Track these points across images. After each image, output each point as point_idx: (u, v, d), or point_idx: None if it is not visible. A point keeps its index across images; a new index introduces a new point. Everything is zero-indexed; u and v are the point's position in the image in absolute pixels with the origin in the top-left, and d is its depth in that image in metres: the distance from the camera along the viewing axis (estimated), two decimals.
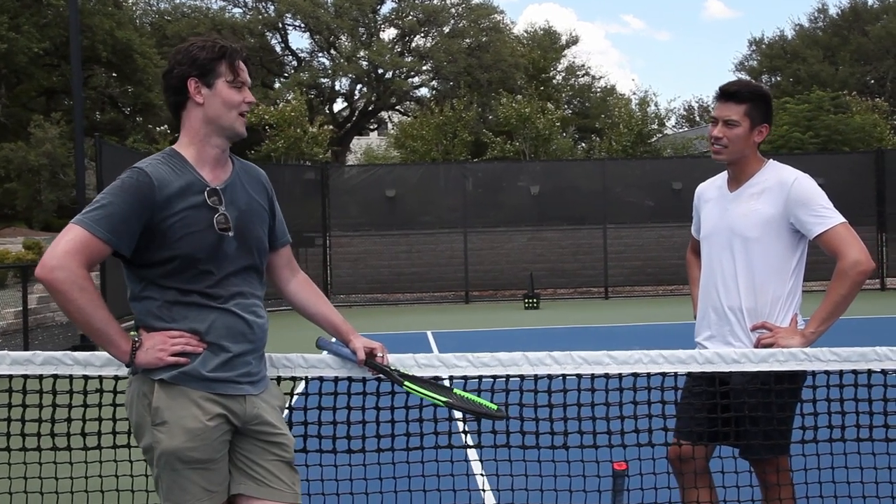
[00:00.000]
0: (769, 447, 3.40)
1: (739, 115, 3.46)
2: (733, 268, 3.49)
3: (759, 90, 3.57)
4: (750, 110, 3.48)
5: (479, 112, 34.54)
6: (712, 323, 3.58)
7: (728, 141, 3.48)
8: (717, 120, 3.51)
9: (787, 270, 3.47)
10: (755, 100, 3.51)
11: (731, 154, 3.51)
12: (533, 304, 18.91)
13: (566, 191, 22.19)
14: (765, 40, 46.78)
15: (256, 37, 37.66)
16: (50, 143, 23.96)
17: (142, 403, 2.65)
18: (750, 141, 3.51)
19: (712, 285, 3.58)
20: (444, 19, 38.90)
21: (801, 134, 27.09)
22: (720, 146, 3.51)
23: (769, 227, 3.43)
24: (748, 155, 3.54)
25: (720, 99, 3.54)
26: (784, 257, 3.46)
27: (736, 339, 3.48)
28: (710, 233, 3.63)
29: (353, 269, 21.29)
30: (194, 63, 2.70)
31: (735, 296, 3.48)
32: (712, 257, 3.59)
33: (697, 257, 3.86)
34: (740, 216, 3.49)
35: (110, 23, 28.50)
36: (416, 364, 3.19)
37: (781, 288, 3.46)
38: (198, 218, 2.65)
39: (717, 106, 3.55)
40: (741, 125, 3.47)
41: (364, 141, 51.10)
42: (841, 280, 3.31)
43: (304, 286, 3.09)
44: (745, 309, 3.46)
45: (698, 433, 3.51)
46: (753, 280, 3.45)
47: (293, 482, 2.82)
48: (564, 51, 46.51)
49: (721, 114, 3.50)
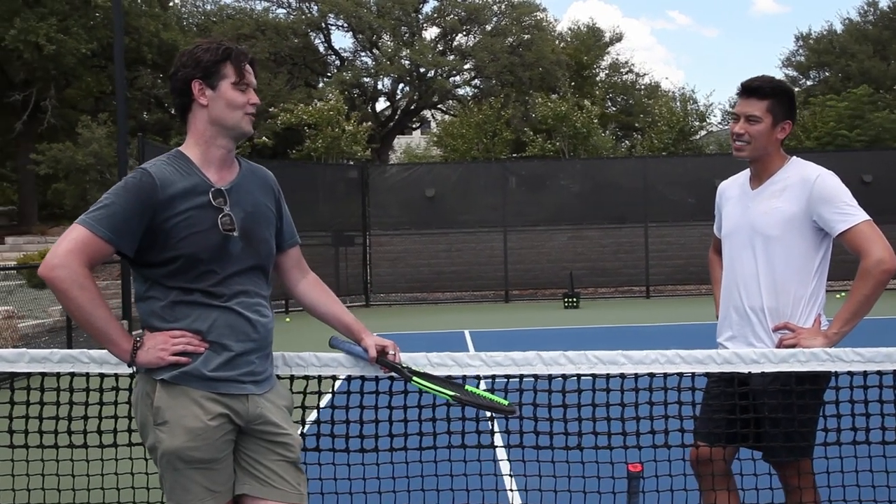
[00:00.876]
0: (790, 450, 3.33)
1: (762, 111, 3.41)
2: (754, 267, 3.43)
3: (782, 86, 3.51)
4: (772, 106, 3.43)
5: (520, 110, 34.41)
6: (734, 323, 3.52)
7: (750, 137, 3.43)
8: (739, 116, 3.46)
9: (809, 270, 3.40)
10: (778, 95, 3.45)
11: (753, 151, 3.46)
12: (573, 304, 18.82)
13: (607, 189, 22.04)
14: (812, 35, 45.90)
15: (300, 37, 37.88)
16: (97, 144, 24.40)
17: (145, 403, 2.67)
18: (773, 137, 3.45)
19: (733, 285, 3.53)
20: (486, 18, 38.75)
21: (848, 131, 26.57)
22: (742, 143, 3.46)
23: (791, 226, 3.37)
24: (771, 152, 3.48)
25: (742, 95, 3.49)
26: (807, 256, 3.39)
27: (758, 340, 3.42)
28: (732, 231, 3.57)
29: (392, 268, 21.36)
30: (198, 65, 2.72)
31: (756, 295, 3.42)
32: (733, 256, 3.54)
33: (720, 256, 3.80)
34: (761, 214, 3.43)
35: (156, 24, 28.90)
36: (428, 363, 3.19)
37: (804, 288, 3.39)
38: (202, 218, 2.67)
39: (739, 102, 3.50)
40: (763, 121, 3.41)
41: (405, 140, 51.24)
42: (864, 279, 3.25)
43: (314, 286, 3.09)
44: (766, 309, 3.40)
45: (717, 434, 3.45)
46: (775, 279, 3.39)
47: (298, 482, 2.81)
48: (608, 48, 46.13)
49: (743, 110, 3.45)
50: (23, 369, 3.14)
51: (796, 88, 44.20)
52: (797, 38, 46.56)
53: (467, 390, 3.00)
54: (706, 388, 3.52)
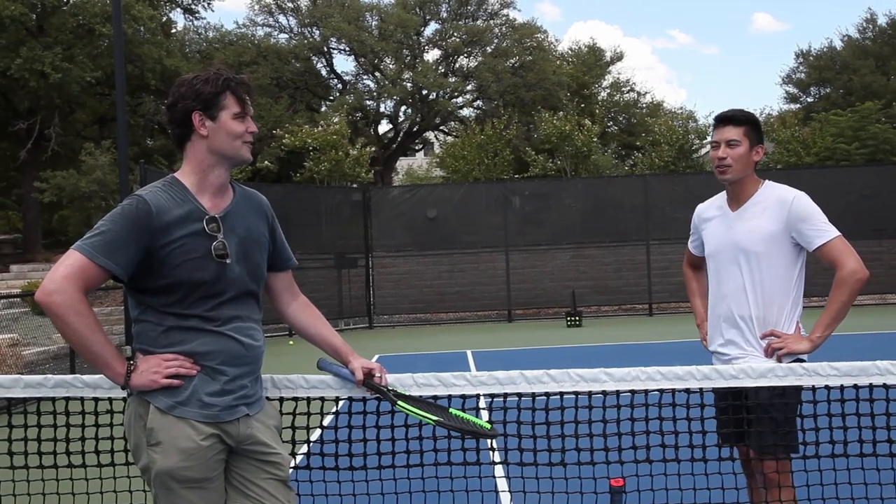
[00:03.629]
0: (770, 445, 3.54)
1: (740, 136, 3.78)
2: (742, 281, 3.75)
3: (752, 115, 3.91)
4: (748, 132, 3.80)
5: (522, 130, 34.57)
6: (724, 331, 3.82)
7: (732, 160, 3.77)
8: (719, 143, 3.81)
9: (790, 281, 3.75)
10: (750, 122, 3.84)
11: (735, 172, 3.79)
12: (576, 322, 18.87)
13: (608, 207, 22.13)
14: (812, 52, 46.09)
15: (302, 61, 38.18)
16: (100, 171, 24.58)
17: (138, 425, 2.74)
18: (750, 160, 3.81)
19: (722, 297, 3.84)
20: (487, 40, 39.05)
21: (847, 145, 26.64)
22: (725, 166, 3.78)
23: (773, 242, 3.72)
24: (748, 174, 3.82)
25: (719, 125, 3.85)
26: (787, 269, 3.74)
27: (748, 345, 3.74)
28: (717, 250, 3.90)
29: (395, 289, 21.44)
30: (198, 97, 2.77)
31: (745, 306, 3.74)
32: (720, 272, 3.86)
33: (694, 270, 4.28)
34: (745, 233, 3.76)
35: (159, 51, 29.14)
36: (414, 383, 3.26)
37: (786, 297, 3.73)
38: (196, 245, 2.73)
39: (716, 132, 3.85)
40: (742, 144, 3.77)
41: (408, 161, 51.41)
42: (840, 288, 3.61)
43: (304, 309, 3.16)
44: (754, 318, 3.72)
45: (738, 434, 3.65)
46: (762, 291, 3.72)
47: (288, 500, 2.88)
48: (609, 67, 46.36)
49: (722, 136, 3.80)
50: (18, 394, 3.23)
51: (797, 105, 44.35)
52: (797, 55, 46.73)
53: (451, 413, 3.07)
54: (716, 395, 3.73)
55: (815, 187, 23.01)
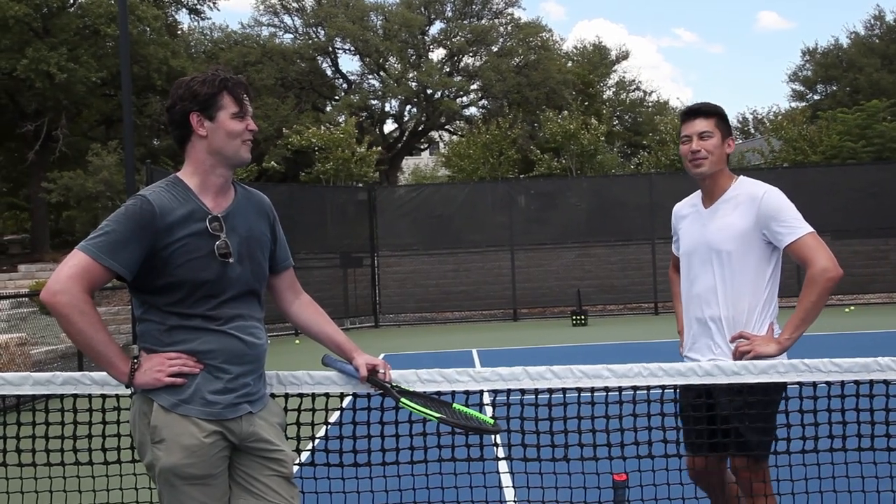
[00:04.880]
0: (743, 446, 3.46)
1: (711, 127, 3.67)
2: (713, 280, 3.63)
3: (720, 108, 3.78)
4: (718, 123, 3.70)
5: (527, 129, 34.58)
6: (695, 333, 3.72)
7: (706, 152, 3.65)
8: (690, 137, 3.69)
9: (762, 280, 3.60)
10: (719, 114, 3.73)
11: (711, 165, 3.66)
12: (581, 321, 18.87)
13: (614, 206, 22.12)
14: (819, 50, 46.02)
15: (307, 61, 38.26)
16: (107, 171, 24.70)
17: (142, 422, 2.77)
18: (723, 152, 3.70)
19: (693, 298, 3.73)
20: (492, 39, 39.08)
21: (854, 143, 26.58)
22: (700, 158, 3.65)
23: (744, 240, 3.59)
24: (722, 168, 3.71)
25: (687, 118, 3.74)
26: (759, 268, 3.60)
27: (716, 347, 3.63)
28: (691, 249, 3.78)
29: (401, 288, 21.47)
30: (195, 98, 2.80)
31: (715, 306, 3.63)
32: (693, 272, 3.74)
33: (679, 275, 4.01)
34: (716, 230, 3.65)
35: (165, 52, 29.24)
36: (418, 379, 3.29)
37: (757, 297, 3.59)
38: (199, 245, 2.76)
39: (686, 125, 3.74)
40: (714, 136, 3.66)
41: (413, 161, 51.42)
42: (811, 287, 3.45)
43: (306, 307, 3.18)
44: (723, 318, 3.61)
45: (698, 445, 3.59)
46: (731, 291, 3.60)
47: (292, 496, 2.90)
48: (615, 66, 46.35)
49: (693, 129, 3.69)
50: (27, 392, 3.26)
51: (804, 103, 44.25)
52: (804, 52, 46.72)
53: (455, 409, 3.09)
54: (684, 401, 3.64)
55: (821, 185, 22.97)
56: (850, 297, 21.05)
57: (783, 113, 37.92)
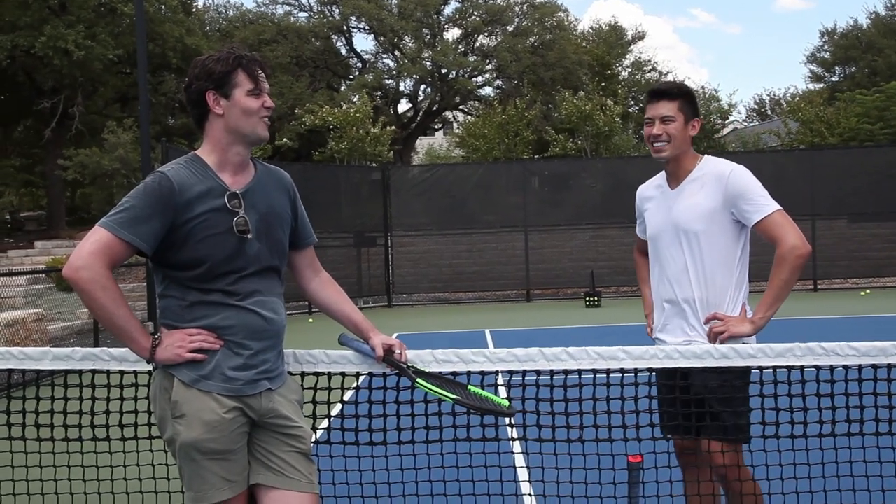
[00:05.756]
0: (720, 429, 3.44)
1: (674, 111, 3.62)
2: (683, 261, 3.61)
3: (687, 88, 3.76)
4: (682, 106, 3.64)
5: (542, 110, 34.43)
6: (668, 315, 3.69)
7: (668, 136, 3.62)
8: (653, 120, 3.65)
9: (733, 260, 3.59)
10: (685, 96, 3.68)
11: (673, 149, 3.64)
12: (595, 303, 18.86)
13: (628, 188, 21.91)
14: (838, 31, 45.56)
15: (322, 40, 38.13)
16: (123, 149, 24.77)
17: (163, 398, 2.81)
18: (686, 135, 3.66)
19: (664, 280, 3.69)
20: (507, 18, 38.82)
21: (872, 125, 26.35)
22: (662, 143, 3.63)
23: (712, 220, 3.56)
24: (685, 150, 3.67)
25: (652, 100, 3.70)
26: (729, 248, 3.58)
27: (691, 329, 3.61)
28: (657, 231, 3.74)
29: (414, 268, 21.49)
30: (210, 76, 2.82)
31: (688, 288, 3.60)
32: (661, 253, 3.71)
33: (645, 257, 4.01)
34: (683, 210, 3.62)
35: (180, 30, 29.23)
36: (434, 359, 3.30)
37: (729, 278, 3.58)
38: (218, 221, 2.78)
39: (650, 107, 3.69)
40: (677, 119, 3.62)
41: (427, 141, 51.31)
42: (781, 266, 3.43)
43: (325, 285, 3.21)
44: (697, 300, 3.59)
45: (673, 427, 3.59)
46: (704, 271, 3.57)
47: (310, 473, 2.93)
48: (630, 46, 46.02)
49: (656, 112, 3.65)
50: (47, 367, 3.29)
51: (821, 84, 43.86)
52: (822, 33, 46.27)
53: (470, 391, 3.09)
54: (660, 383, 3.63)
55: (838, 168, 22.78)
56: (867, 281, 20.94)
57: (800, 94, 37.62)
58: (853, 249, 20.66)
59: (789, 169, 20.60)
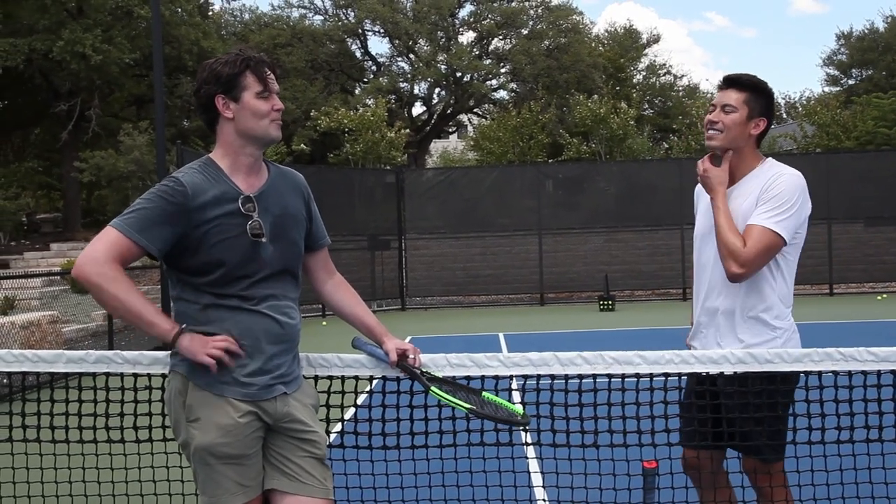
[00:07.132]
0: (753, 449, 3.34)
1: (738, 103, 3.40)
2: (720, 267, 3.39)
3: (762, 83, 3.48)
4: (749, 99, 3.41)
5: (557, 113, 34.39)
6: (702, 324, 3.54)
7: (723, 126, 3.40)
8: (716, 106, 3.46)
9: (776, 272, 3.38)
10: (756, 90, 3.44)
11: (724, 141, 3.41)
12: (609, 306, 18.80)
13: (643, 191, 21.97)
14: (854, 34, 45.29)
15: (336, 43, 38.27)
16: (138, 151, 24.90)
17: (178, 401, 2.80)
18: (746, 131, 3.42)
19: (702, 285, 3.54)
20: (522, 22, 38.85)
21: (889, 129, 26.16)
22: (715, 131, 3.43)
23: None
24: (742, 147, 3.43)
25: (721, 87, 3.51)
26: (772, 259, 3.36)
27: (722, 339, 3.43)
28: (701, 233, 3.58)
29: (428, 271, 21.49)
30: (219, 80, 2.79)
31: (725, 297, 3.42)
32: (704, 258, 3.54)
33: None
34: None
35: (196, 33, 29.38)
36: (448, 363, 3.27)
37: (770, 292, 3.37)
38: (232, 225, 2.76)
39: (718, 93, 3.51)
40: (738, 111, 3.39)
41: (441, 144, 51.32)
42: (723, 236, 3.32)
43: (339, 288, 3.19)
44: (735, 311, 3.40)
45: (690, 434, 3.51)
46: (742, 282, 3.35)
47: (325, 478, 2.91)
48: (645, 50, 45.93)
49: (720, 100, 3.45)
50: (61, 369, 3.29)
51: (838, 88, 43.58)
52: (838, 36, 46.00)
53: (484, 398, 3.06)
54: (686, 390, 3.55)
55: (854, 172, 22.67)
56: (883, 285, 20.79)
57: (816, 98, 37.41)
58: (869, 254, 20.51)
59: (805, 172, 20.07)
